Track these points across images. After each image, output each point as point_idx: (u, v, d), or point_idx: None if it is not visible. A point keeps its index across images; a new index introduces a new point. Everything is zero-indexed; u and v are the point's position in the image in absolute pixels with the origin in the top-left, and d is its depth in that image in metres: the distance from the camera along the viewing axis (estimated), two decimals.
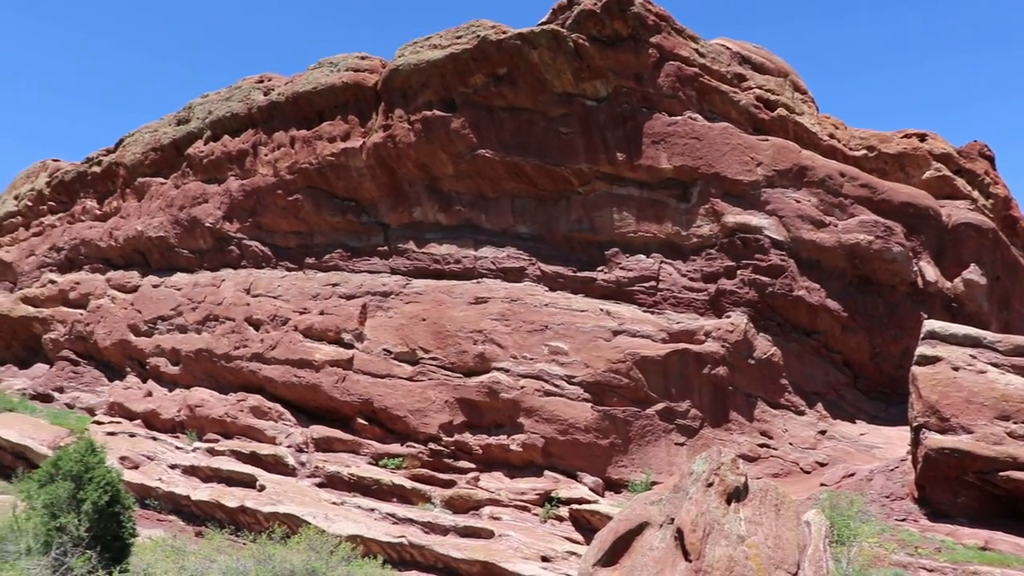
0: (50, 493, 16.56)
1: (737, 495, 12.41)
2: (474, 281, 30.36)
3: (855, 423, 26.83)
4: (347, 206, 33.88)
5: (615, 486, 26.68)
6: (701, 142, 27.21)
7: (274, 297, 34.68)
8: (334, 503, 27.55)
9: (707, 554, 11.55)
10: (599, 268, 28.57)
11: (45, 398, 44.04)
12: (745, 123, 28.00)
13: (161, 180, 41.91)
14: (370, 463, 29.82)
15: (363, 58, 33.52)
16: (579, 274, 28.79)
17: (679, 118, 27.42)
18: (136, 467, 32.36)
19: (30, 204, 53.14)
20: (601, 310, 27.75)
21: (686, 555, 11.71)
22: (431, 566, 24.70)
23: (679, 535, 11.97)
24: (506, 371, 28.05)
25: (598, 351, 26.87)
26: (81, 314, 43.94)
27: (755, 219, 26.77)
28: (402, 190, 32.31)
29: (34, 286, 48.54)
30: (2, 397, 43.22)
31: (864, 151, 29.40)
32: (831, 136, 29.37)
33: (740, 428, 26.34)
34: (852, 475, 23.12)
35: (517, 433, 27.58)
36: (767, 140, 27.42)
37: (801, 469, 25.34)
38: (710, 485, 12.44)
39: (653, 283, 27.73)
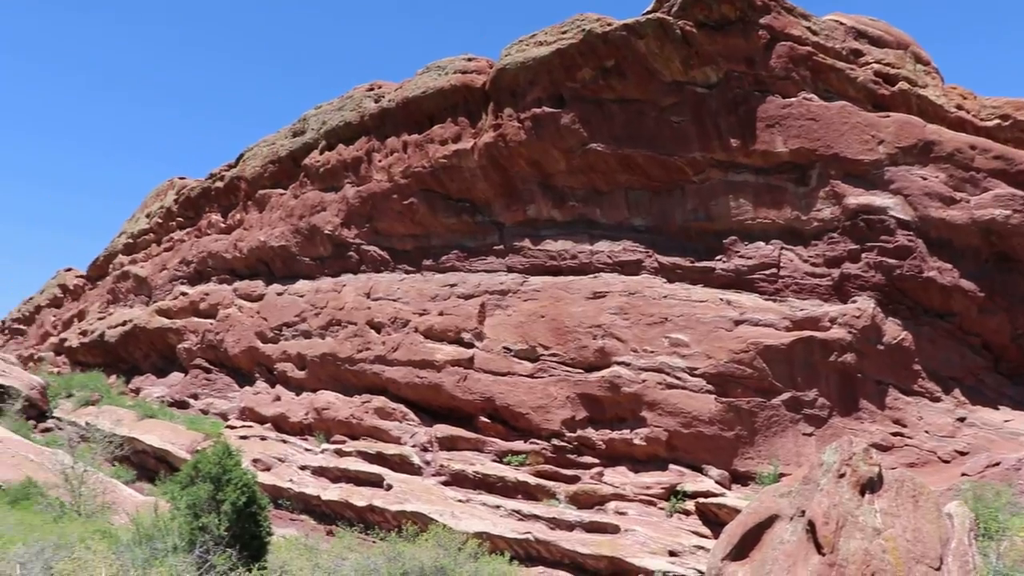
0: (192, 495, 17.32)
1: (871, 486, 11.98)
2: (591, 276, 30.22)
3: (998, 409, 25.44)
4: (462, 207, 34.27)
5: (742, 479, 26.17)
6: (818, 123, 26.32)
7: (394, 300, 35.39)
8: (460, 501, 27.94)
9: (841, 547, 11.21)
10: (717, 257, 28.01)
11: (181, 405, 46.25)
12: (864, 100, 26.90)
13: (280, 191, 43.40)
14: (494, 460, 30.10)
15: (470, 59, 33.83)
16: (697, 264, 28.30)
17: (794, 100, 26.59)
18: (268, 469, 33.61)
19: (160, 221, 55.98)
20: (721, 300, 27.21)
21: (819, 548, 11.39)
22: (557, 561, 24.77)
23: (811, 528, 11.65)
24: (627, 365, 27.84)
25: (720, 342, 26.37)
26: (211, 324, 45.93)
27: (879, 199, 25.71)
28: (515, 188, 32.46)
29: (167, 299, 51.02)
30: (143, 405, 45.64)
31: (997, 121, 27.75)
32: (959, 108, 27.89)
33: (871, 417, 25.39)
34: (997, 464, 22.00)
35: (640, 427, 27.36)
36: (888, 116, 26.27)
37: (939, 458, 24.25)
38: (842, 476, 12.05)
39: (774, 270, 27.01)
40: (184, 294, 49.26)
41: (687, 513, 25.44)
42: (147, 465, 38.17)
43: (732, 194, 27.67)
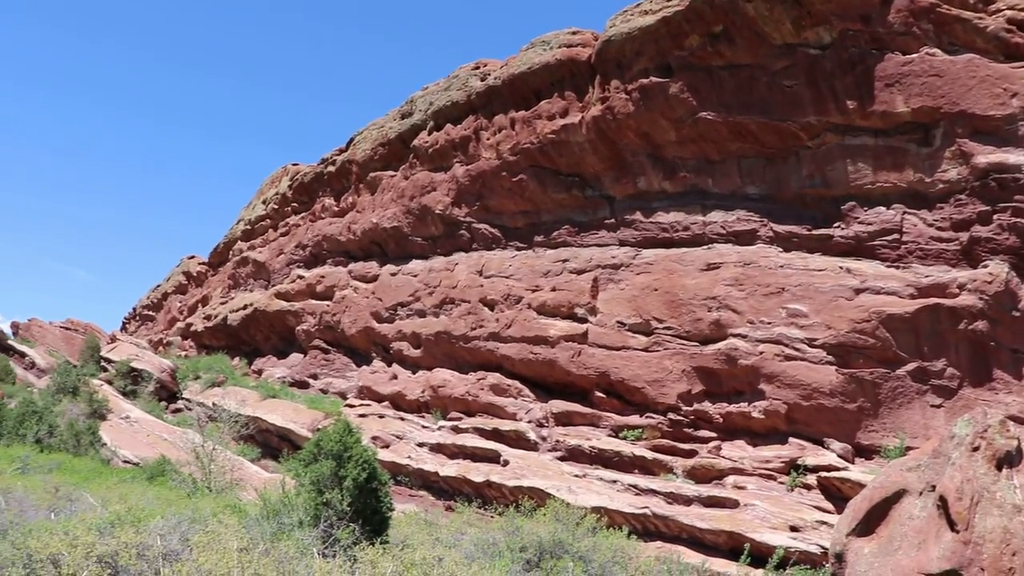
0: (315, 471, 17.85)
1: (1008, 460, 11.38)
2: (704, 247, 29.68)
3: None
4: (571, 182, 34.13)
5: (865, 452, 25.33)
6: (942, 79, 24.93)
7: (506, 277, 35.62)
8: (576, 476, 28.04)
9: (977, 524, 10.72)
10: (835, 224, 27.01)
11: (301, 385, 47.93)
12: (995, 51, 25.28)
13: (391, 173, 44.18)
14: (610, 435, 30.07)
15: (574, 33, 33.52)
16: (814, 232, 27.37)
17: (915, 56, 25.25)
18: (387, 446, 34.48)
19: (276, 207, 57.92)
20: (841, 268, 26.27)
21: (952, 525, 10.91)
22: (675, 536, 24.61)
23: (942, 503, 11.17)
24: (743, 337, 27.29)
25: (840, 311, 25.50)
26: (328, 305, 47.28)
27: (1013, 157, 24.18)
28: (625, 161, 32.11)
29: (285, 282, 52.78)
30: (265, 385, 47.53)
31: None
32: None
33: (1006, 387, 24.09)
34: None
35: (758, 400, 26.82)
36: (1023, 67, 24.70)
37: None
38: (976, 449, 11.49)
39: (896, 236, 25.86)
40: (301, 277, 50.84)
41: (808, 488, 24.83)
42: (270, 443, 39.75)
43: (850, 158, 26.59)
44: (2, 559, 12.49)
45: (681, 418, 28.76)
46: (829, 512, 23.50)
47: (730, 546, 23.26)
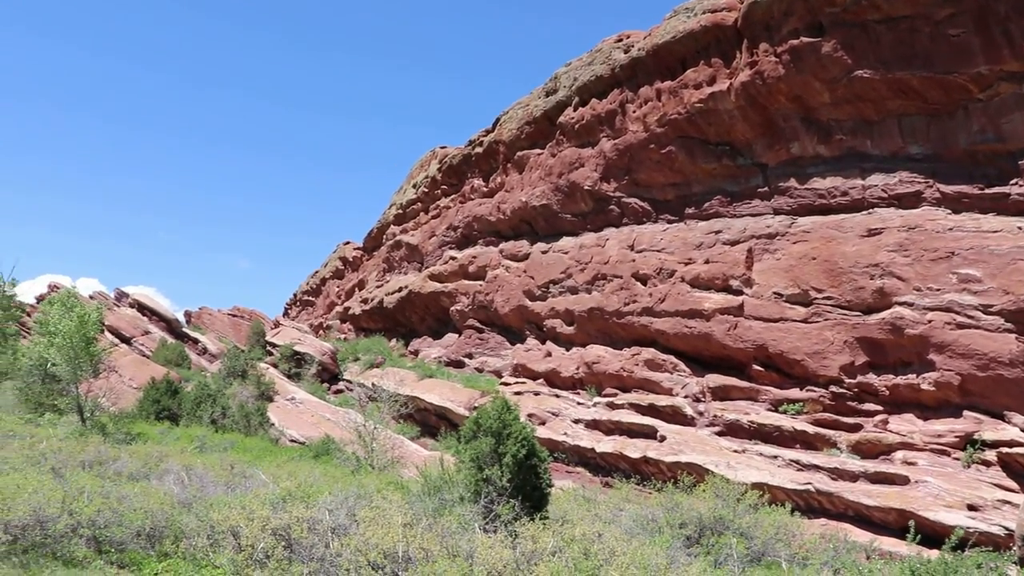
0: (475, 448, 18.23)
1: None
2: (865, 212, 28.32)
3: None
4: (721, 151, 33.28)
5: None
6: None
7: (658, 251, 35.17)
8: (735, 451, 27.49)
9: None
10: (1012, 182, 25.13)
11: (457, 364, 48.95)
12: None
13: (538, 151, 44.32)
14: (769, 409, 29.31)
15: None
16: (987, 191, 25.59)
17: None
18: (543, 423, 34.77)
19: (426, 190, 59.17)
20: (1019, 229, 24.47)
21: None
22: (841, 514, 23.76)
23: None
24: (909, 305, 25.95)
25: (1019, 275, 23.80)
26: (480, 285, 48.01)
27: None
28: (777, 126, 31.01)
29: (437, 264, 53.93)
30: (422, 365, 48.82)
31: None
32: None
33: None
34: None
35: (927, 371, 25.48)
36: None
37: None
38: None
39: None
40: (453, 258, 51.82)
41: (987, 464, 23.38)
42: (429, 422, 40.81)
43: None
44: (189, 530, 13.47)
45: (844, 391, 27.69)
46: (1012, 491, 22.10)
47: (900, 524, 22.24)
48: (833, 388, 27.84)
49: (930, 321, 25.24)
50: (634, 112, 36.26)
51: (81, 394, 30.19)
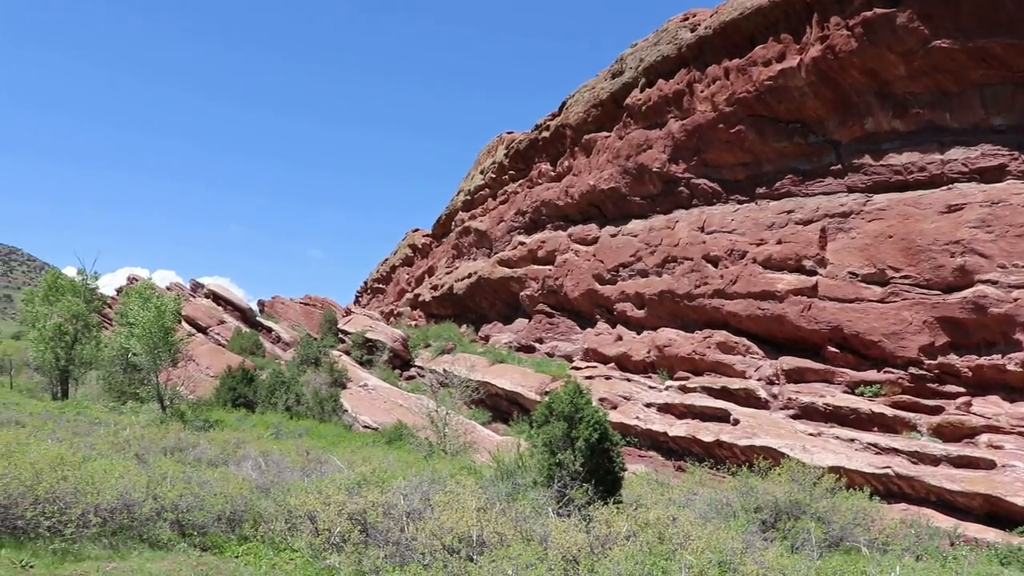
0: (547, 433, 18.24)
1: None
2: (944, 188, 27.44)
3: None
4: (792, 129, 32.56)
5: None
6: None
7: (728, 232, 34.63)
8: (811, 434, 26.99)
9: None
10: None
11: (527, 349, 48.97)
12: None
13: (605, 134, 43.95)
14: (845, 392, 28.70)
15: None
16: None
17: None
18: (615, 407, 34.59)
19: (494, 176, 59.17)
20: None
21: None
22: (922, 499, 23.16)
23: None
24: (993, 283, 25.09)
25: None
26: (550, 270, 47.90)
27: None
28: (849, 102, 30.21)
29: (506, 249, 53.94)
30: (493, 351, 48.97)
31: None
32: None
33: None
34: None
35: (1014, 351, 24.64)
36: None
37: None
38: None
39: None
40: (522, 243, 51.77)
41: None
42: (500, 407, 40.93)
43: None
44: (267, 514, 13.75)
45: (924, 372, 26.95)
46: None
47: (986, 510, 21.63)
48: (912, 369, 27.12)
49: (1016, 299, 24.38)
50: (702, 92, 35.69)
51: (161, 383, 31.06)
